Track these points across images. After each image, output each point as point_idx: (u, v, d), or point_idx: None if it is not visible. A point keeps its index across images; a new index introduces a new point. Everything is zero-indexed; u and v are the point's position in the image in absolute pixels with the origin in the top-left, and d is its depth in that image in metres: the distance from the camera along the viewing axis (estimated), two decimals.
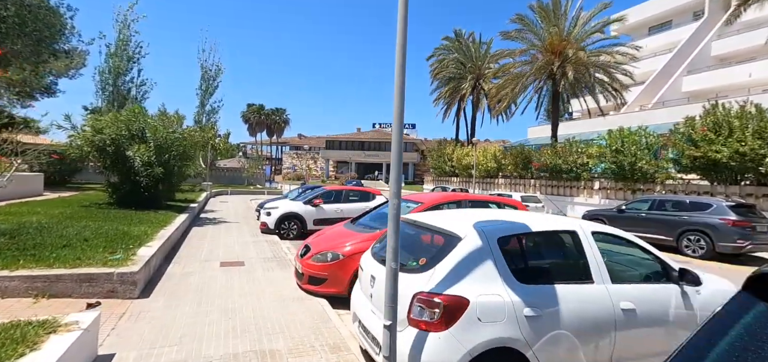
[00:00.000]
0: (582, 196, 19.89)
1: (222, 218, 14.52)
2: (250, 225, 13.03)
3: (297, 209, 11.16)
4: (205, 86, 35.28)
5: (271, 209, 11.17)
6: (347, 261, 5.39)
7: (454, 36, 35.16)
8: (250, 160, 38.75)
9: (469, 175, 29.12)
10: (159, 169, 11.35)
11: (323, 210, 11.37)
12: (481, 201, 7.31)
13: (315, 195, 11.51)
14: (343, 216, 11.41)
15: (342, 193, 11.84)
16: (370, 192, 12.21)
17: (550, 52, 21.77)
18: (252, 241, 9.84)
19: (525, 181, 23.88)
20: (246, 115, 75.99)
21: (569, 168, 20.21)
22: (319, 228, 11.32)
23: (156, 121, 11.80)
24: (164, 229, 8.46)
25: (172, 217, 10.57)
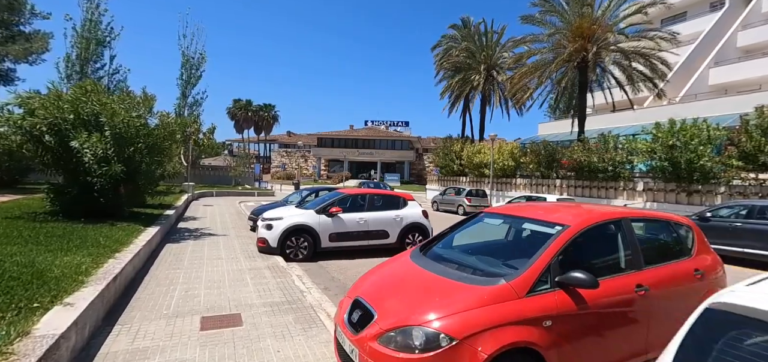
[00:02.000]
0: (622, 198, 17.52)
1: (206, 228, 11.54)
2: (242, 238, 10.12)
3: (307, 220, 8.32)
4: (186, 75, 31.90)
5: (273, 220, 8.30)
6: (462, 352, 2.61)
7: (461, 24, 32.66)
8: (237, 159, 35.41)
9: (481, 174, 26.62)
10: (118, 166, 8.35)
11: (342, 221, 8.56)
12: (650, 218, 4.63)
13: (330, 201, 8.68)
14: (368, 229, 8.66)
15: (365, 198, 9.05)
16: (400, 198, 9.46)
17: (579, 37, 19.36)
18: (248, 268, 6.96)
19: (549, 181, 21.45)
20: (232, 111, 72.30)
21: (606, 166, 17.83)
22: (338, 246, 8.54)
23: (114, 102, 8.75)
24: (115, 259, 5.53)
25: (135, 234, 7.60)
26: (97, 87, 9.16)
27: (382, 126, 70.21)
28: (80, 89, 8.72)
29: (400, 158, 62.79)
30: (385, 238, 8.97)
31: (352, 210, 8.88)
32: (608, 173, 18.01)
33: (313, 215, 8.45)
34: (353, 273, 7.38)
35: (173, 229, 11.03)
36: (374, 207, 9.04)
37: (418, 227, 9.27)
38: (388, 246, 9.04)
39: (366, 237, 8.77)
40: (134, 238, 7.16)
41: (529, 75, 21.29)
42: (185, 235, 10.17)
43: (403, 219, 9.13)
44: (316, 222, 8.38)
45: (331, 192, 10.18)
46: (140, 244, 6.66)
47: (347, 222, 8.61)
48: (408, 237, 9.18)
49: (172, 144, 10.66)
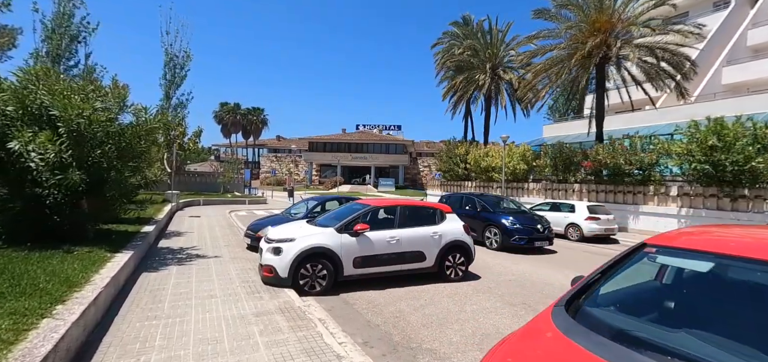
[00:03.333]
0: (651, 204, 16.11)
1: (193, 248, 9.56)
2: (238, 260, 8.19)
3: (327, 242, 6.48)
4: (170, 75, 29.59)
5: (282, 243, 6.43)
6: None
7: (463, 21, 31.26)
8: (226, 164, 33.15)
9: (489, 178, 25.08)
10: (77, 174, 6.39)
11: (369, 242, 6.74)
12: None
13: (354, 217, 6.85)
14: (401, 250, 6.88)
15: (395, 212, 7.24)
16: (437, 210, 7.69)
17: (597, 31, 18.00)
18: (254, 314, 5.08)
19: (566, 185, 19.98)
20: (219, 115, 69.70)
21: (633, 169, 16.41)
22: (364, 273, 6.71)
23: (69, 90, 6.77)
24: (53, 318, 3.60)
25: (96, 265, 5.63)
26: (50, 72, 7.15)
27: (374, 129, 68.48)
28: (28, 75, 6.72)
29: (395, 162, 61.13)
30: (420, 261, 7.19)
31: (381, 226, 7.07)
32: (636, 176, 16.61)
33: (334, 234, 6.60)
34: (391, 313, 5.59)
35: (152, 250, 9.02)
36: (407, 223, 7.24)
37: (459, 246, 7.52)
38: (424, 270, 7.26)
39: (398, 260, 6.97)
40: (94, 273, 5.20)
41: (545, 72, 19.84)
42: (167, 259, 8.19)
43: (442, 236, 7.36)
44: (338, 244, 6.54)
45: (350, 204, 8.33)
46: (100, 285, 4.71)
47: (376, 243, 6.79)
48: (448, 260, 7.42)
49: (150, 146, 8.69)
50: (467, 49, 27.38)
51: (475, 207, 12.92)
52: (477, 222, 11.97)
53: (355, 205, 7.94)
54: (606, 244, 13.78)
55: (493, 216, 12.06)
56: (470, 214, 12.38)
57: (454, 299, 6.39)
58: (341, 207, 8.44)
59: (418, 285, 7.07)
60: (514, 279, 7.97)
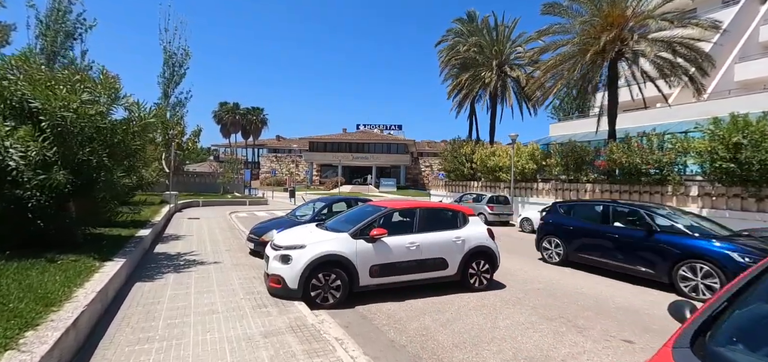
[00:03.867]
0: (670, 204, 15.38)
1: (192, 253, 8.89)
2: (241, 267, 7.52)
3: (341, 249, 5.81)
4: (169, 73, 28.95)
5: (291, 250, 5.77)
6: None
7: (467, 18, 30.61)
8: (225, 164, 32.45)
9: (496, 178, 24.40)
10: (62, 174, 5.73)
11: (387, 248, 6.08)
12: None
13: (370, 221, 6.18)
14: (421, 257, 6.23)
15: (414, 214, 6.57)
16: (459, 212, 7.03)
17: (611, 25, 17.35)
18: (262, 334, 4.41)
19: (578, 185, 19.33)
20: (219, 115, 68.98)
21: (650, 169, 15.76)
22: (381, 283, 6.06)
23: (52, 80, 6.10)
24: (19, 350, 2.94)
25: (81, 277, 4.96)
26: (29, 60, 6.48)
27: (375, 129, 67.79)
28: (4, 62, 6.05)
29: (396, 162, 60.47)
30: (442, 269, 6.53)
31: (399, 231, 6.40)
32: (653, 176, 15.95)
33: (348, 240, 5.94)
34: (416, 330, 4.94)
35: (148, 257, 8.35)
36: (427, 227, 6.58)
37: (484, 252, 6.86)
38: (446, 279, 6.61)
39: (418, 268, 6.31)
40: (77, 287, 4.54)
41: (554, 68, 19.17)
42: (164, 266, 7.52)
43: (465, 241, 6.70)
44: (353, 251, 5.88)
45: (362, 206, 7.66)
46: (83, 303, 4.04)
47: (394, 250, 6.13)
48: (471, 267, 6.76)
49: (145, 144, 8.02)
50: (473, 46, 26.70)
51: (638, 223, 8.02)
52: (650, 251, 7.53)
53: (369, 208, 7.29)
54: None
55: (696, 244, 7.07)
56: (628, 237, 7.96)
57: (482, 312, 5.73)
58: (353, 210, 7.78)
59: (440, 295, 6.42)
60: (542, 287, 7.32)
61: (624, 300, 6.61)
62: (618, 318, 5.67)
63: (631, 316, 5.80)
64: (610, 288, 7.42)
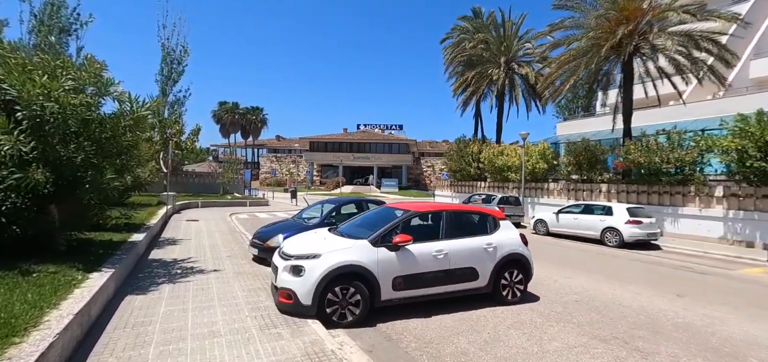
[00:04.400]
0: (692, 206, 14.74)
1: (189, 260, 8.14)
2: (244, 276, 6.77)
3: (361, 258, 5.08)
4: (167, 70, 28.15)
5: (304, 260, 5.03)
6: None
7: (473, 14, 29.88)
8: (225, 164, 31.67)
9: (505, 178, 23.69)
10: (41, 172, 5.00)
11: (412, 257, 5.34)
12: None
13: (391, 226, 5.44)
14: (449, 267, 5.50)
15: (440, 218, 5.82)
16: (489, 216, 6.29)
17: (626, 19, 16.63)
18: None
19: (591, 185, 18.62)
20: (218, 114, 68.23)
21: (670, 168, 15.06)
22: (406, 296, 5.32)
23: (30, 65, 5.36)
24: None
25: (58, 295, 4.21)
26: (4, 45, 5.72)
27: (376, 129, 67.06)
28: None
29: (398, 162, 59.74)
30: (472, 280, 5.80)
31: (423, 237, 5.66)
32: (673, 176, 15.24)
33: (368, 249, 5.20)
34: (452, 356, 4.21)
35: (142, 264, 7.60)
36: (454, 232, 5.83)
37: (517, 261, 6.13)
38: (476, 291, 5.87)
39: (446, 280, 5.58)
40: (52, 308, 3.79)
41: (567, 64, 18.44)
42: (159, 275, 6.77)
43: (496, 249, 5.97)
44: (374, 261, 5.14)
45: (379, 209, 6.92)
46: (55, 329, 3.29)
47: (419, 259, 5.39)
48: (504, 278, 6.02)
49: (139, 140, 7.28)
50: (480, 43, 25.97)
51: None
52: None
53: (386, 210, 6.56)
54: (648, 251, 12.42)
55: None
56: None
57: (523, 331, 5.00)
58: (368, 213, 7.04)
59: (469, 309, 5.69)
60: (579, 298, 6.58)
61: (675, 315, 5.88)
62: (680, 340, 4.93)
63: (694, 336, 5.07)
64: (652, 299, 6.70)
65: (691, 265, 10.17)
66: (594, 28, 17.59)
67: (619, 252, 11.87)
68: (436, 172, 60.76)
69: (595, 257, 11.00)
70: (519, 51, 26.68)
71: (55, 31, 22.03)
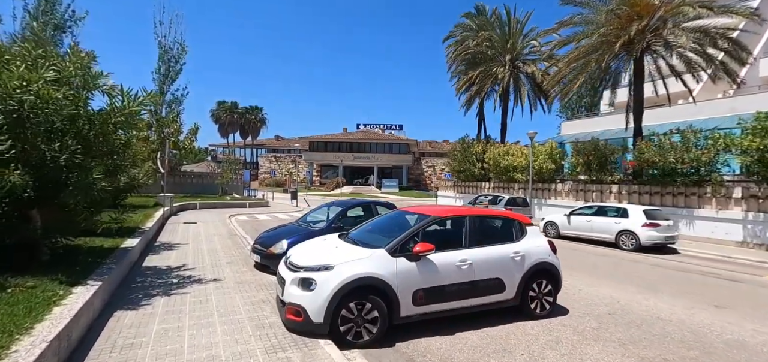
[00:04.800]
0: (709, 208, 14.26)
1: (186, 268, 7.58)
2: (245, 286, 6.22)
3: (377, 270, 4.53)
4: (164, 69, 27.51)
5: (314, 272, 4.48)
6: None
7: (476, 11, 29.39)
8: (224, 164, 31.08)
9: (510, 179, 23.20)
10: (19, 174, 4.44)
11: (434, 268, 4.80)
12: None
13: (411, 233, 4.90)
14: (474, 278, 4.97)
15: (463, 223, 5.29)
16: (514, 220, 5.76)
17: (639, 15, 16.13)
18: None
19: (601, 186, 18.12)
20: (216, 114, 67.66)
21: (686, 168, 14.56)
22: (428, 312, 4.78)
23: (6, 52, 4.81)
24: None
25: (35, 314, 3.64)
26: None
27: (376, 129, 66.49)
28: None
29: (398, 162, 59.20)
30: (498, 292, 5.26)
31: (445, 245, 5.12)
32: (688, 177, 14.75)
33: (386, 258, 4.65)
34: None
35: (135, 272, 7.04)
36: (478, 239, 5.30)
37: (546, 270, 5.59)
38: (502, 305, 5.33)
39: (471, 293, 5.04)
40: (23, 334, 3.23)
41: (576, 61, 17.92)
42: (152, 286, 6.22)
43: (524, 257, 5.43)
44: (393, 273, 4.59)
45: (393, 213, 6.37)
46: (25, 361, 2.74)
47: (442, 269, 4.85)
48: (532, 289, 5.49)
49: (131, 138, 6.72)
50: (484, 41, 25.45)
51: None
52: None
53: (401, 215, 6.02)
54: (666, 255, 11.91)
55: None
56: None
57: (559, 351, 4.46)
58: (380, 218, 6.48)
59: (495, 325, 5.16)
60: (611, 310, 6.05)
61: (722, 330, 5.35)
62: (735, 360, 4.41)
63: (752, 358, 4.54)
64: (692, 312, 6.16)
65: (718, 271, 9.65)
66: (604, 25, 17.09)
67: (638, 257, 11.36)
68: (436, 172, 60.29)
69: (614, 262, 10.48)
70: (524, 49, 26.18)
71: (50, 28, 21.41)
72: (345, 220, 8.31)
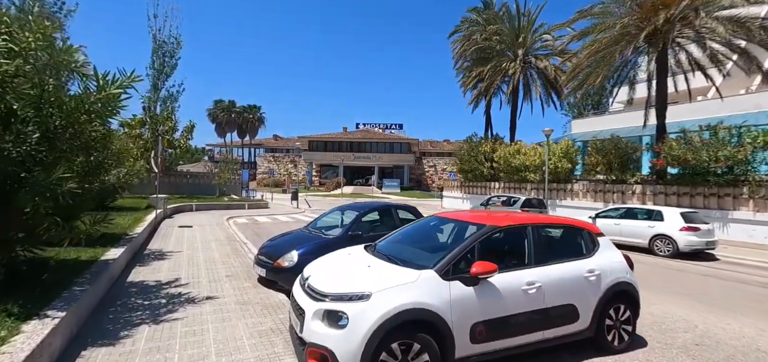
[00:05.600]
0: (745, 210, 13.26)
1: (179, 284, 6.45)
2: (249, 308, 5.07)
3: (425, 298, 3.43)
4: (159, 63, 26.29)
5: (343, 302, 3.37)
6: None
7: (483, 5, 28.36)
8: (221, 164, 29.87)
9: (522, 179, 22.15)
10: None
11: (496, 294, 3.71)
12: None
13: (465, 247, 3.81)
14: (545, 306, 3.84)
15: (526, 235, 4.20)
16: (583, 230, 4.68)
17: (665, 5, 15.11)
18: None
19: (623, 186, 17.10)
20: (213, 113, 66.30)
21: (719, 167, 13.55)
22: (490, 350, 3.68)
23: None
24: None
25: None
26: None
27: (376, 128, 65.35)
28: None
29: (399, 162, 58.09)
30: (571, 322, 4.17)
31: (508, 264, 4.03)
32: (722, 176, 13.73)
33: (436, 282, 3.55)
34: None
35: (116, 291, 5.91)
36: (545, 256, 4.20)
37: (624, 293, 4.51)
38: (575, 337, 4.24)
39: (541, 324, 3.95)
40: None
41: (598, 53, 16.88)
42: (136, 309, 5.09)
43: (600, 277, 4.35)
44: (446, 301, 3.50)
45: (425, 219, 5.26)
46: None
47: (506, 296, 3.76)
48: (609, 317, 4.41)
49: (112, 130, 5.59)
50: (493, 35, 24.39)
51: None
52: None
53: (442, 222, 4.93)
54: (704, 261, 10.90)
55: None
56: None
57: None
58: (413, 227, 5.36)
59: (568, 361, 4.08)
60: (694, 339, 4.99)
61: None
62: None
63: None
64: None
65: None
66: (628, 14, 16.07)
67: (680, 265, 10.32)
68: (438, 172, 59.27)
69: (658, 272, 9.43)
70: (535, 43, 25.15)
71: None
72: (361, 226, 7.21)
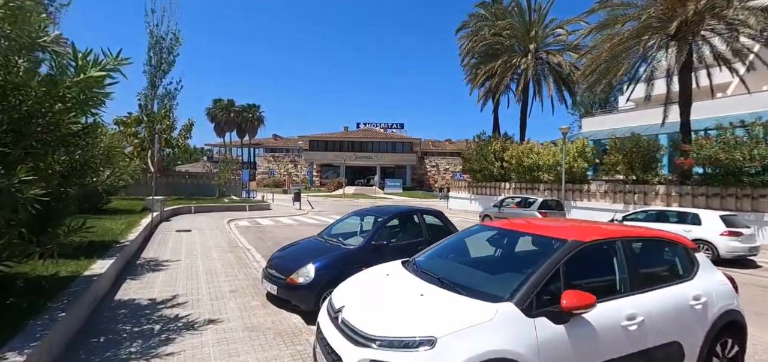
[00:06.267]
0: None
1: (175, 302, 5.52)
2: (260, 339, 4.12)
3: (508, 344, 2.54)
4: (156, 60, 25.30)
5: (398, 351, 2.46)
6: None
7: (491, 1, 27.48)
8: (221, 164, 28.92)
9: (534, 179, 21.28)
10: None
11: (592, 331, 2.80)
12: None
13: (548, 270, 2.90)
14: (646, 346, 2.87)
15: (616, 253, 3.30)
16: (678, 244, 3.78)
17: None
18: None
19: (646, 187, 16.24)
20: (212, 112, 65.26)
21: (754, 166, 12.70)
22: None
23: None
24: None
25: None
26: None
27: (377, 128, 64.47)
28: None
29: (401, 162, 57.21)
30: None
31: (599, 293, 3.11)
32: (755, 176, 12.88)
33: (518, 320, 2.64)
34: None
35: (101, 313, 4.99)
36: (642, 280, 3.30)
37: (733, 324, 3.62)
38: None
39: None
40: None
41: (622, 44, 15.95)
42: (123, 339, 4.17)
43: (706, 305, 3.45)
44: (532, 345, 2.59)
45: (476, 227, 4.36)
46: None
47: (603, 336, 2.86)
48: (715, 355, 3.51)
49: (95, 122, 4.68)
50: (504, 30, 23.51)
51: None
52: None
53: (497, 234, 4.02)
54: (746, 268, 10.04)
55: None
56: None
57: None
58: (457, 237, 4.44)
59: None
60: None
61: None
62: None
63: None
64: None
65: None
66: (652, 5, 15.21)
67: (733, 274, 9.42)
68: (440, 172, 58.40)
69: None
70: (547, 38, 24.28)
71: (32, 16, 19.10)
72: (383, 234, 6.30)
